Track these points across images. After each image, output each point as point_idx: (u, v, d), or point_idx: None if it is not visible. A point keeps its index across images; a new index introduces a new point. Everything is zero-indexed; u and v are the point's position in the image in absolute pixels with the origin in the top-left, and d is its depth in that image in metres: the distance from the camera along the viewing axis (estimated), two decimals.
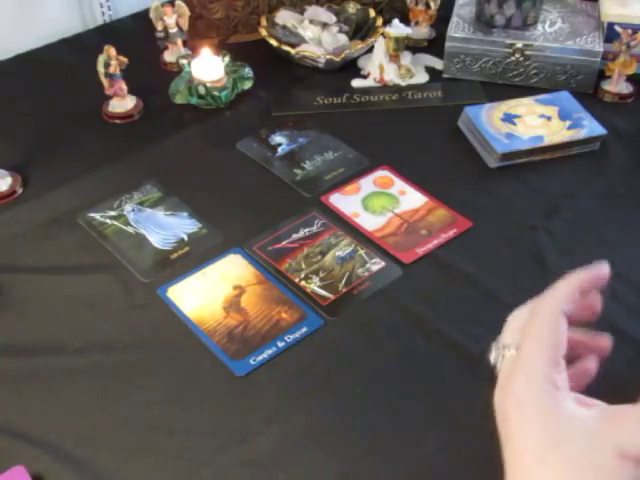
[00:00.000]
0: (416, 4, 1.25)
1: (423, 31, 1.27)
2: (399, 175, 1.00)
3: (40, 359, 0.77)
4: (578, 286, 0.53)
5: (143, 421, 0.71)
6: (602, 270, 0.54)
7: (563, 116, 1.06)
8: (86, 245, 0.90)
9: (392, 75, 1.17)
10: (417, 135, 1.08)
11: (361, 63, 1.22)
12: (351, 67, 1.21)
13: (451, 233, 0.91)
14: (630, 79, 1.14)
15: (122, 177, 1.00)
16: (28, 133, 1.08)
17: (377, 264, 0.87)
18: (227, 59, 1.12)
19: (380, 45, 1.16)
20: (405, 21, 1.20)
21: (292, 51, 1.18)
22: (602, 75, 1.15)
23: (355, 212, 0.95)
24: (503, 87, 1.17)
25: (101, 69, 1.06)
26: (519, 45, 1.14)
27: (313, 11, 1.24)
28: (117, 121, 1.10)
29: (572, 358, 0.54)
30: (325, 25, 1.23)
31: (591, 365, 0.55)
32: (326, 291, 0.84)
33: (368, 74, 1.19)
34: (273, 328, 0.80)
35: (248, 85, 1.14)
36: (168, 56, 1.21)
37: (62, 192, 0.98)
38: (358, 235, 0.91)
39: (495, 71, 1.17)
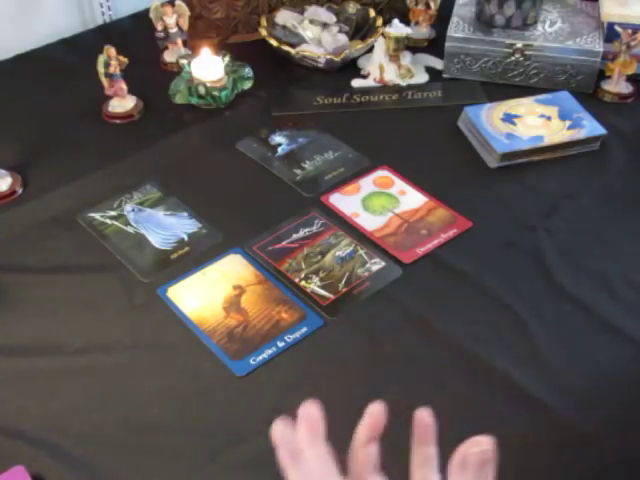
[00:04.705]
0: (416, 4, 1.25)
1: (423, 31, 1.27)
2: (399, 175, 1.00)
3: (40, 359, 0.77)
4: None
5: (143, 421, 0.71)
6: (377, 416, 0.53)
7: (563, 116, 1.05)
8: (86, 245, 0.90)
9: (392, 75, 1.17)
10: (417, 135, 1.08)
11: (361, 63, 1.22)
12: (351, 67, 1.21)
13: (451, 233, 0.91)
14: (630, 79, 1.14)
15: (122, 177, 1.00)
16: (28, 133, 1.08)
17: (377, 264, 0.87)
18: (227, 59, 1.12)
19: (380, 45, 1.16)
20: (405, 21, 1.20)
21: (292, 51, 1.18)
22: (602, 75, 1.15)
23: (355, 212, 0.95)
24: (503, 87, 1.17)
25: (101, 69, 1.06)
26: (519, 45, 1.14)
27: (313, 11, 1.24)
28: (117, 121, 1.10)
29: None
30: (325, 25, 1.23)
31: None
32: (326, 291, 0.84)
33: (368, 74, 1.19)
34: (273, 328, 0.80)
35: (248, 85, 1.14)
36: (168, 56, 1.21)
37: (62, 192, 0.98)
38: (358, 235, 0.91)
39: (495, 71, 1.17)
